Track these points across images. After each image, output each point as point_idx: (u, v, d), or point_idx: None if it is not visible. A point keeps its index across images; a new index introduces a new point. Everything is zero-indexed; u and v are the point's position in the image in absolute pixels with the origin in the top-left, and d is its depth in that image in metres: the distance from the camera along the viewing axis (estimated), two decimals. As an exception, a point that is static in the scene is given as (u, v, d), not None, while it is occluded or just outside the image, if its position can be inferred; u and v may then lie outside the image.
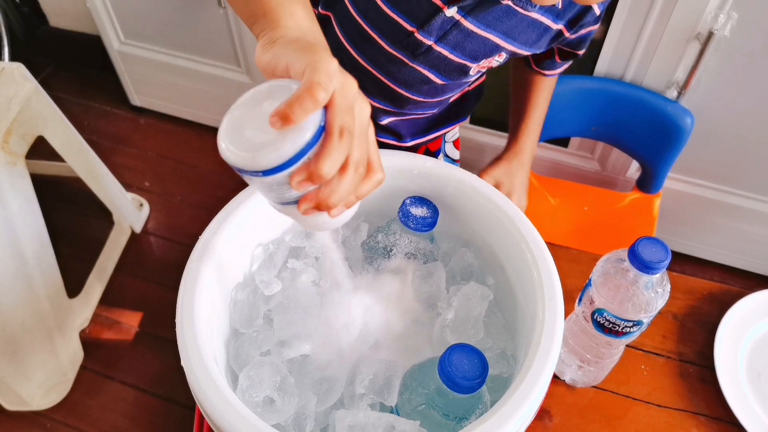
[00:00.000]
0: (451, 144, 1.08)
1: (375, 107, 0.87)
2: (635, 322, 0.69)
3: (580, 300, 0.75)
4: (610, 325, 0.70)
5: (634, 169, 1.57)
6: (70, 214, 1.89)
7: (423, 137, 0.96)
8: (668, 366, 0.85)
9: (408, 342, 0.69)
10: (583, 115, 1.38)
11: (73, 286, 1.60)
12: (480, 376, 0.54)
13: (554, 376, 0.80)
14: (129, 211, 1.80)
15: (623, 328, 0.70)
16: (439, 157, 1.05)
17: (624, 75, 1.36)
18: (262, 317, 0.69)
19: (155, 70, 2.01)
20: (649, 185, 1.42)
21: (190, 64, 1.94)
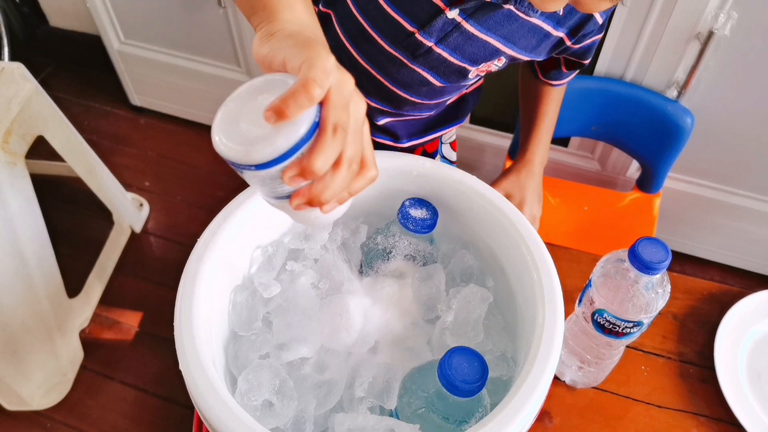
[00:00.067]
0: (447, 145, 1.07)
1: (372, 107, 0.87)
2: (635, 323, 0.69)
3: (580, 301, 0.75)
4: (611, 325, 0.70)
5: (634, 169, 1.56)
6: (70, 214, 1.89)
7: (420, 138, 0.96)
8: (668, 366, 0.85)
9: (407, 344, 0.69)
10: (583, 115, 1.38)
11: (73, 286, 1.60)
12: (480, 379, 0.54)
13: (554, 377, 0.79)
14: (129, 211, 1.80)
15: (623, 328, 0.70)
16: (435, 159, 1.05)
17: (624, 74, 1.36)
18: (261, 320, 0.69)
19: (155, 70, 2.01)
20: (649, 185, 1.41)
21: (190, 64, 1.94)
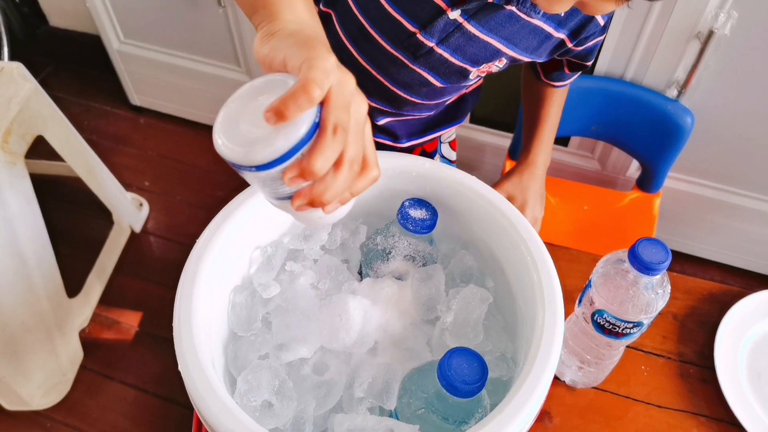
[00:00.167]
0: (447, 145, 1.07)
1: (372, 107, 0.87)
2: (635, 324, 0.69)
3: (580, 301, 0.75)
4: (610, 326, 0.70)
5: (634, 169, 1.56)
6: (70, 214, 1.89)
7: (419, 138, 0.96)
8: (668, 366, 0.85)
9: (407, 345, 0.68)
10: (583, 115, 1.38)
11: (73, 285, 1.60)
12: (480, 380, 0.54)
13: (554, 377, 0.79)
14: (129, 211, 1.80)
15: (623, 329, 0.70)
16: (435, 158, 1.05)
17: (624, 74, 1.36)
18: (261, 320, 0.69)
19: (155, 70, 2.01)
20: (649, 185, 1.41)
21: (190, 63, 1.94)
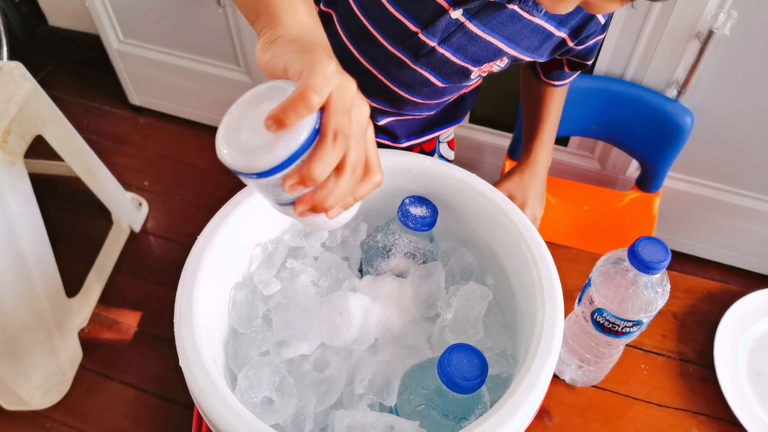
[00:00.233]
0: (445, 144, 1.07)
1: (373, 107, 0.87)
2: (635, 322, 0.69)
3: (579, 300, 0.75)
4: (610, 325, 0.70)
5: (633, 169, 1.56)
6: (69, 214, 1.89)
7: (418, 138, 0.96)
8: (668, 365, 0.85)
9: (407, 342, 0.68)
10: (583, 114, 1.38)
11: (72, 285, 1.60)
12: (480, 376, 0.54)
13: (554, 375, 0.79)
14: (128, 211, 1.80)
15: (623, 328, 0.70)
16: (433, 158, 1.05)
17: (624, 74, 1.36)
18: (261, 317, 0.69)
19: (155, 70, 2.01)
20: (649, 184, 1.41)
21: (189, 63, 1.94)
